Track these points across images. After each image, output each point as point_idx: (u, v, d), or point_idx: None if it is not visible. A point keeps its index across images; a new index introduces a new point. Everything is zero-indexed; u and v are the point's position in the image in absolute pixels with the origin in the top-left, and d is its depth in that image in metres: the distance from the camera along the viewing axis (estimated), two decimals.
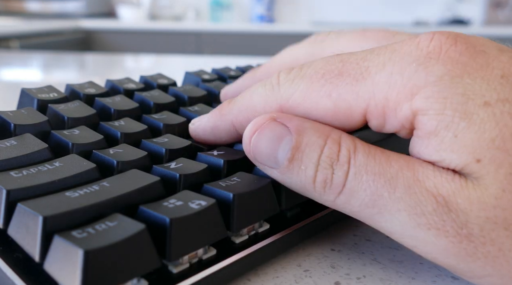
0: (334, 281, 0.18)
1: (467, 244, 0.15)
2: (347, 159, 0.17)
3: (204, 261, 0.17)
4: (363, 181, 0.16)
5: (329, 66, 0.18)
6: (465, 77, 0.16)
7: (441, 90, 0.16)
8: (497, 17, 2.37)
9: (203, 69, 0.35)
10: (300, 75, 0.19)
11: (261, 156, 0.18)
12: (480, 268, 0.15)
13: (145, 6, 2.40)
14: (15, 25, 1.82)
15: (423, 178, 0.16)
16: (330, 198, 0.17)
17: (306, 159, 0.17)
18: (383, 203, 0.16)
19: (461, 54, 0.16)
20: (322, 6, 2.53)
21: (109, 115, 0.25)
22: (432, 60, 0.16)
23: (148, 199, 0.17)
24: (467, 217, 0.15)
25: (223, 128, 0.22)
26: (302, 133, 0.17)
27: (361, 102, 0.17)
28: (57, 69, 0.74)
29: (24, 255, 0.16)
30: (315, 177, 0.17)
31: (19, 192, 0.16)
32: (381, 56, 0.17)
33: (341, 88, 0.18)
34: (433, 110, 0.16)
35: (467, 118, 0.16)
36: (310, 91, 0.18)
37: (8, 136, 0.20)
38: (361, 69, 0.18)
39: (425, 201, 0.16)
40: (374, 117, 0.18)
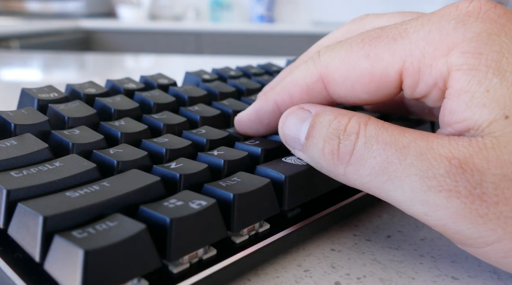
0: (334, 281, 0.18)
1: (479, 204, 0.15)
2: (355, 130, 0.17)
3: (204, 261, 0.17)
4: (373, 149, 0.17)
5: (369, 32, 0.19)
6: (502, 36, 0.16)
7: (478, 46, 0.16)
8: None
9: (203, 69, 0.35)
10: (340, 44, 0.20)
11: (289, 138, 0.20)
12: (491, 231, 0.15)
13: (145, 6, 2.40)
14: (15, 25, 1.82)
15: (437, 146, 0.16)
16: (340, 171, 0.18)
17: (317, 134, 0.18)
18: (393, 169, 0.16)
19: (500, 16, 0.17)
20: (322, 6, 2.53)
21: (109, 115, 0.25)
22: (471, 18, 0.17)
23: (148, 199, 0.17)
24: (482, 175, 0.15)
25: (267, 109, 0.23)
26: (319, 114, 0.19)
27: (397, 60, 0.18)
28: (57, 69, 0.74)
29: (24, 255, 0.16)
30: (323, 149, 0.18)
31: (19, 192, 0.16)
32: (420, 19, 0.18)
33: (379, 48, 0.18)
34: (468, 65, 0.16)
35: (500, 74, 0.16)
36: (348, 54, 0.19)
37: (8, 136, 0.20)
38: (399, 30, 0.18)
39: (437, 165, 0.16)
40: (409, 75, 0.18)
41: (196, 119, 0.26)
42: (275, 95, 0.22)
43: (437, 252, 0.20)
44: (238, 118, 0.24)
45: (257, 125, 0.23)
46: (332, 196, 0.22)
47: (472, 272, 0.19)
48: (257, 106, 0.23)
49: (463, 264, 0.20)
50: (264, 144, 0.22)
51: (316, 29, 2.17)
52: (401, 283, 0.18)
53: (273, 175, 0.20)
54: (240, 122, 0.24)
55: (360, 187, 0.18)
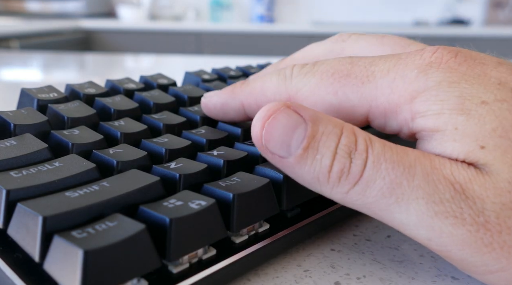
0: (334, 281, 0.18)
1: (483, 233, 0.15)
2: (365, 148, 0.16)
3: (204, 261, 0.17)
4: (381, 169, 0.16)
5: (340, 66, 0.20)
6: (462, 82, 0.17)
7: (439, 94, 0.17)
8: (497, 17, 2.37)
9: (203, 69, 0.35)
10: (313, 71, 0.20)
11: (274, 143, 0.17)
12: (495, 260, 0.15)
13: (145, 6, 2.40)
14: (15, 25, 1.82)
15: (440, 166, 0.16)
16: (343, 190, 0.16)
17: (323, 148, 0.16)
18: (401, 191, 0.16)
19: (460, 65, 0.17)
20: (322, 6, 2.53)
21: (109, 115, 0.25)
22: (432, 68, 0.18)
23: (148, 199, 0.17)
24: (483, 203, 0.15)
25: (233, 106, 0.23)
26: (317, 122, 0.17)
27: (364, 103, 0.19)
28: (57, 69, 0.74)
29: (24, 255, 0.16)
30: (331, 167, 0.16)
31: (19, 192, 0.15)
32: (387, 63, 0.19)
33: (347, 88, 0.19)
34: (431, 111, 0.17)
35: (464, 113, 0.16)
36: (318, 86, 0.20)
37: (8, 136, 0.20)
38: (367, 73, 0.19)
39: (443, 189, 0.15)
40: (375, 118, 0.19)
41: (196, 119, 0.26)
42: (242, 96, 0.23)
43: None
44: (204, 102, 0.25)
45: (222, 115, 0.24)
46: None
47: None
48: (224, 99, 0.24)
49: None
50: None
51: (316, 29, 2.18)
52: (401, 283, 0.18)
53: (271, 175, 0.20)
54: (206, 107, 0.25)
55: (359, 208, 0.17)
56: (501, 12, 2.36)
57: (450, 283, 0.18)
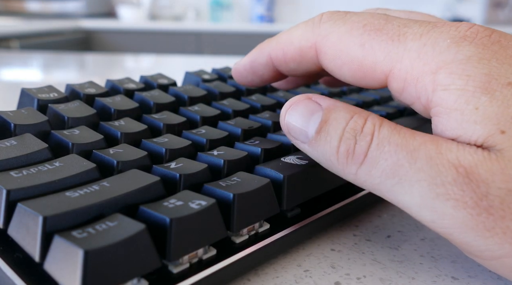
0: (334, 281, 0.18)
1: (486, 217, 0.15)
2: (370, 131, 0.17)
3: (204, 261, 0.17)
4: (385, 151, 0.16)
5: (373, 19, 0.19)
6: (492, 61, 0.17)
7: (466, 68, 0.16)
8: (497, 17, 2.37)
9: (203, 69, 0.35)
10: (344, 18, 0.20)
11: (294, 130, 0.19)
12: (498, 245, 0.15)
13: (145, 6, 2.40)
14: (15, 25, 1.82)
15: (446, 151, 0.16)
16: (352, 170, 0.17)
17: (332, 131, 0.18)
18: (403, 172, 0.16)
19: (493, 43, 0.17)
20: (322, 6, 2.53)
21: (109, 115, 0.25)
22: (465, 41, 0.17)
23: (148, 199, 0.17)
24: (488, 188, 0.15)
25: (261, 61, 0.23)
26: (332, 109, 0.18)
27: (388, 62, 0.18)
28: (57, 69, 0.74)
29: (24, 255, 0.16)
30: (338, 147, 0.17)
31: (19, 192, 0.15)
32: (421, 27, 0.18)
33: (375, 42, 0.19)
34: (454, 85, 0.16)
35: (488, 93, 0.16)
36: (347, 35, 0.19)
37: (8, 136, 0.20)
38: (399, 32, 0.18)
39: (446, 172, 0.16)
40: (395, 80, 0.18)
41: (196, 119, 0.26)
42: (269, 49, 0.23)
43: (437, 252, 0.20)
44: (235, 67, 0.25)
45: (251, 76, 0.24)
46: (332, 196, 0.22)
47: (472, 272, 0.19)
48: (252, 57, 0.24)
49: (463, 264, 0.20)
50: (264, 144, 0.22)
51: None
52: (401, 283, 0.18)
53: (271, 175, 0.20)
54: (236, 72, 0.25)
55: (370, 188, 0.18)
56: (501, 12, 2.36)
57: (450, 283, 0.18)
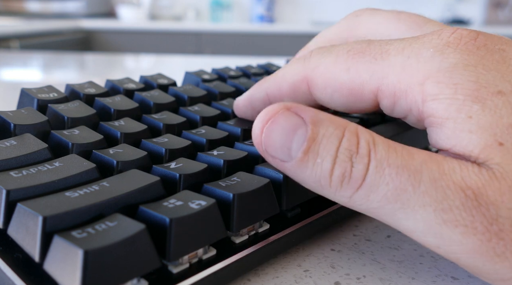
0: (334, 281, 0.18)
1: (496, 243, 0.14)
2: (367, 151, 0.15)
3: (204, 261, 0.17)
4: (385, 174, 0.15)
5: (356, 45, 0.19)
6: (479, 67, 0.16)
7: (453, 76, 0.16)
8: (497, 17, 2.37)
9: (203, 69, 0.35)
10: (330, 50, 0.20)
11: (273, 147, 0.16)
12: (507, 269, 0.15)
13: (145, 6, 2.40)
14: (15, 25, 1.82)
15: (449, 171, 0.15)
16: (347, 194, 0.16)
17: (323, 151, 0.16)
18: (407, 197, 0.15)
19: (479, 48, 0.16)
20: (322, 6, 2.53)
21: (109, 115, 0.25)
22: (449, 49, 0.17)
23: (148, 199, 0.17)
24: (498, 210, 0.14)
25: (258, 97, 0.24)
26: (318, 124, 0.16)
27: (374, 80, 0.18)
28: (57, 69, 0.74)
29: (24, 255, 0.16)
30: (332, 171, 0.16)
31: (19, 192, 0.15)
32: (403, 42, 0.18)
33: (359, 64, 0.19)
34: (443, 94, 0.16)
35: (479, 102, 0.15)
36: (333, 64, 0.20)
37: (8, 136, 0.20)
38: (381, 50, 0.18)
39: (453, 195, 0.15)
40: (384, 97, 0.18)
41: (196, 119, 0.26)
42: (266, 85, 0.23)
43: None
44: (235, 103, 0.26)
45: (250, 111, 0.25)
46: None
47: None
48: (250, 93, 0.24)
49: None
50: None
51: (316, 29, 2.17)
52: (401, 283, 0.18)
53: (271, 175, 0.20)
54: (237, 107, 0.26)
55: (364, 212, 0.16)
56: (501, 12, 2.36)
57: (450, 283, 0.18)
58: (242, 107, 0.25)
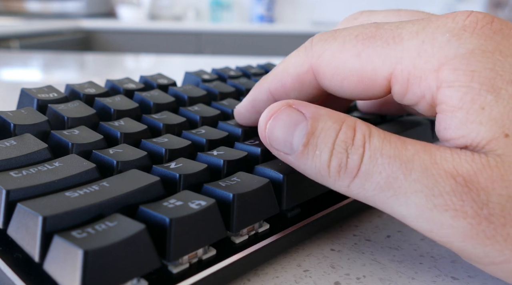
0: (334, 281, 0.18)
1: (486, 226, 0.15)
2: (362, 143, 0.16)
3: (204, 261, 0.17)
4: (378, 164, 0.16)
5: (364, 29, 0.19)
6: (496, 53, 0.16)
7: (470, 63, 0.16)
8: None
9: (203, 69, 0.35)
10: (334, 35, 0.19)
11: (277, 142, 0.18)
12: (498, 252, 0.15)
13: (145, 6, 2.40)
14: (15, 25, 1.82)
15: (441, 160, 0.16)
16: (345, 183, 0.17)
17: (321, 144, 0.17)
18: (398, 185, 0.16)
19: (495, 33, 0.16)
20: (322, 6, 2.53)
21: (109, 115, 0.25)
22: (466, 33, 0.16)
23: (148, 199, 0.17)
24: (488, 196, 0.15)
25: (262, 98, 0.22)
26: (317, 119, 0.17)
27: (387, 66, 0.18)
28: (57, 69, 0.74)
29: (24, 255, 0.16)
30: (329, 162, 0.17)
31: (19, 192, 0.15)
32: (416, 25, 0.18)
33: (371, 49, 0.18)
34: (459, 82, 0.16)
35: (494, 92, 0.15)
36: (340, 49, 0.19)
37: (8, 136, 0.20)
38: (393, 34, 0.18)
39: (443, 182, 0.15)
40: (397, 82, 0.18)
41: (196, 119, 0.26)
42: (268, 84, 0.22)
43: (437, 252, 0.20)
44: (236, 110, 0.24)
45: (255, 116, 0.23)
46: (332, 196, 0.22)
47: (472, 272, 0.19)
48: (252, 96, 0.23)
49: (463, 264, 0.20)
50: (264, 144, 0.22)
51: (316, 29, 2.17)
52: (401, 283, 0.18)
53: (271, 175, 0.20)
54: (239, 114, 0.24)
55: (363, 200, 0.17)
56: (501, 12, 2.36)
57: (450, 283, 0.18)
58: (245, 113, 0.24)
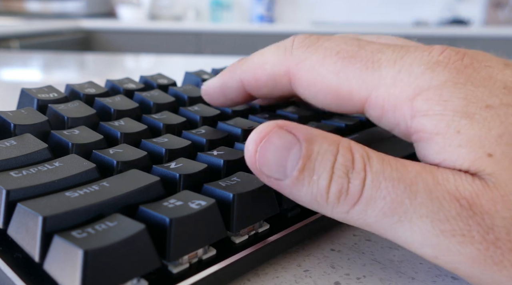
0: (334, 281, 0.18)
1: (493, 251, 0.14)
2: (362, 166, 0.16)
3: (204, 261, 0.17)
4: (381, 188, 0.15)
5: (346, 46, 0.19)
6: (468, 84, 0.16)
7: (443, 93, 0.16)
8: (497, 17, 2.37)
9: (203, 69, 0.35)
10: (316, 45, 0.20)
11: (268, 167, 0.16)
12: (506, 278, 0.15)
13: (145, 6, 2.40)
14: (15, 25, 1.82)
15: (443, 181, 0.15)
16: (344, 210, 0.16)
17: (319, 168, 0.16)
18: (404, 210, 0.15)
19: (466, 67, 0.17)
20: (322, 6, 2.53)
21: (109, 115, 0.25)
22: (439, 67, 0.17)
23: (148, 199, 0.17)
24: (493, 219, 0.14)
25: (232, 85, 0.22)
26: (312, 141, 0.16)
27: (364, 90, 0.18)
28: (57, 69, 0.74)
29: (24, 255, 0.16)
30: (328, 187, 0.16)
31: (19, 192, 0.15)
32: (395, 53, 0.18)
33: (349, 70, 0.18)
34: (433, 111, 0.16)
35: (468, 117, 0.16)
36: (320, 63, 0.19)
37: (8, 136, 0.20)
38: (373, 59, 0.18)
39: (448, 206, 0.15)
40: (372, 107, 0.18)
41: (196, 119, 0.26)
42: (241, 73, 0.22)
43: None
44: (204, 88, 0.24)
45: (222, 98, 0.24)
46: None
47: None
48: (223, 80, 0.23)
49: None
50: None
51: (316, 29, 2.18)
52: (401, 283, 0.18)
53: None
54: (206, 93, 0.24)
55: (361, 226, 0.16)
56: (501, 12, 2.36)
57: (450, 283, 0.18)
58: (213, 94, 0.24)
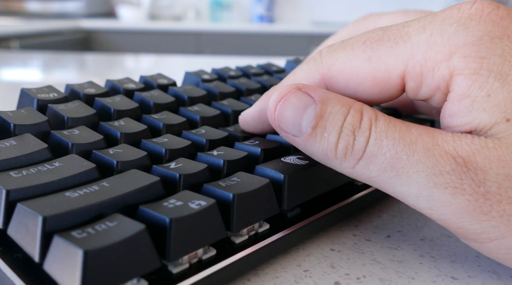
0: (334, 281, 0.18)
1: (483, 202, 0.16)
2: (368, 126, 0.17)
3: (204, 261, 0.17)
4: (383, 145, 0.17)
5: (370, 34, 0.19)
6: (504, 39, 0.16)
7: (480, 50, 0.16)
8: None
9: (203, 69, 0.35)
10: (342, 45, 0.20)
11: (286, 123, 0.18)
12: (494, 228, 0.16)
13: (145, 6, 2.40)
14: (15, 25, 1.82)
15: (442, 142, 0.16)
16: (350, 165, 0.18)
17: (329, 127, 0.17)
18: (401, 165, 0.16)
19: (502, 18, 0.17)
20: (322, 6, 2.53)
21: (109, 115, 0.25)
22: (473, 21, 0.17)
23: (148, 199, 0.17)
24: (486, 175, 0.15)
25: None
26: (326, 102, 0.18)
27: (399, 64, 0.18)
28: (57, 69, 0.74)
29: (24, 255, 0.16)
30: (337, 144, 0.17)
31: (19, 192, 0.15)
32: (421, 21, 0.18)
33: (381, 51, 0.18)
34: (469, 69, 0.16)
35: (502, 78, 0.16)
36: (351, 57, 0.19)
37: (8, 136, 0.20)
38: (401, 33, 0.18)
39: (444, 162, 0.16)
40: (411, 78, 0.18)
41: (196, 119, 0.26)
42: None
43: (437, 252, 0.20)
44: (242, 118, 0.24)
45: (261, 125, 0.24)
46: (332, 196, 0.22)
47: (471, 272, 0.19)
48: (261, 106, 0.23)
49: (462, 264, 0.20)
50: (263, 144, 0.22)
51: (316, 29, 2.17)
52: (400, 283, 0.18)
53: (272, 175, 0.20)
54: (244, 122, 0.24)
55: (365, 181, 0.18)
56: None
57: (450, 283, 0.18)
58: (251, 122, 0.24)
